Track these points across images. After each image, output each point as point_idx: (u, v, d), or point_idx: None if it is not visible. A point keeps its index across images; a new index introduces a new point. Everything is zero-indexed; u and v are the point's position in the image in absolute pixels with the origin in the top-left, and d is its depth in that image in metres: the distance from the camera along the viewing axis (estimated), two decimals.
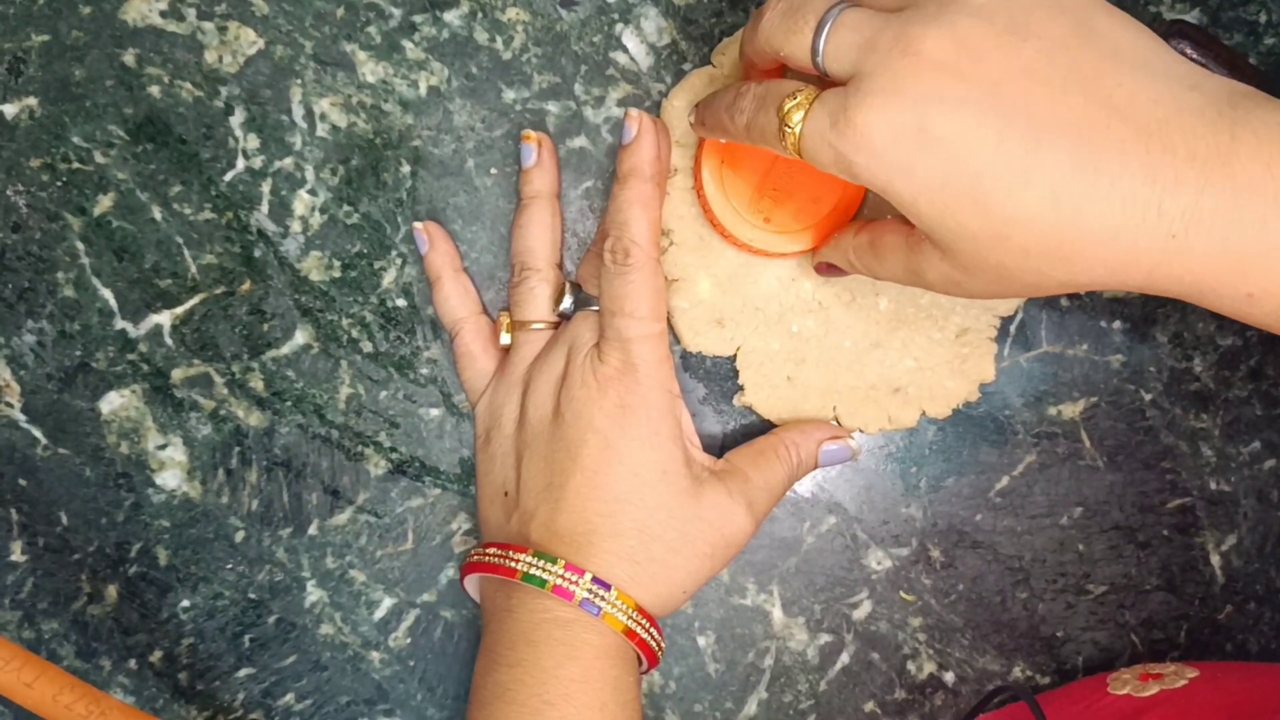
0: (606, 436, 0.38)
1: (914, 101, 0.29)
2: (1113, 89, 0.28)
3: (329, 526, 0.44)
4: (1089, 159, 0.28)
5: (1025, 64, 0.28)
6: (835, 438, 0.42)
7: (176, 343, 0.43)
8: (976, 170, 0.28)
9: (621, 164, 0.39)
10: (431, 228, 0.42)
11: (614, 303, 0.38)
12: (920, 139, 0.29)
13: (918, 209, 0.30)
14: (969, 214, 0.29)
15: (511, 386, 0.41)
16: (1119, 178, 0.27)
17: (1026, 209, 0.28)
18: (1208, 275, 0.28)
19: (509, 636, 0.36)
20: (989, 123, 0.28)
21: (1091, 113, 0.28)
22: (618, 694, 0.36)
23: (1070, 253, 0.29)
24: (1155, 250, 0.28)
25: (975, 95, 0.28)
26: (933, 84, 0.28)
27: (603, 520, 0.37)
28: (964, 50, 0.28)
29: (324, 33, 0.42)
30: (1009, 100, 0.28)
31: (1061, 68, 0.28)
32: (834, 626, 0.45)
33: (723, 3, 0.43)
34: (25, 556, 0.43)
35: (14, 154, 0.42)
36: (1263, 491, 0.45)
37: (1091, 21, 0.29)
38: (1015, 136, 0.28)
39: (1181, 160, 0.27)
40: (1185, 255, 0.28)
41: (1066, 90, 0.28)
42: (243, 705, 0.44)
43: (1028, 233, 0.29)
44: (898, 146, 0.29)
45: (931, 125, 0.28)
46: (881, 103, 0.29)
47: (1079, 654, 0.45)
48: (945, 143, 0.28)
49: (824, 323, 0.42)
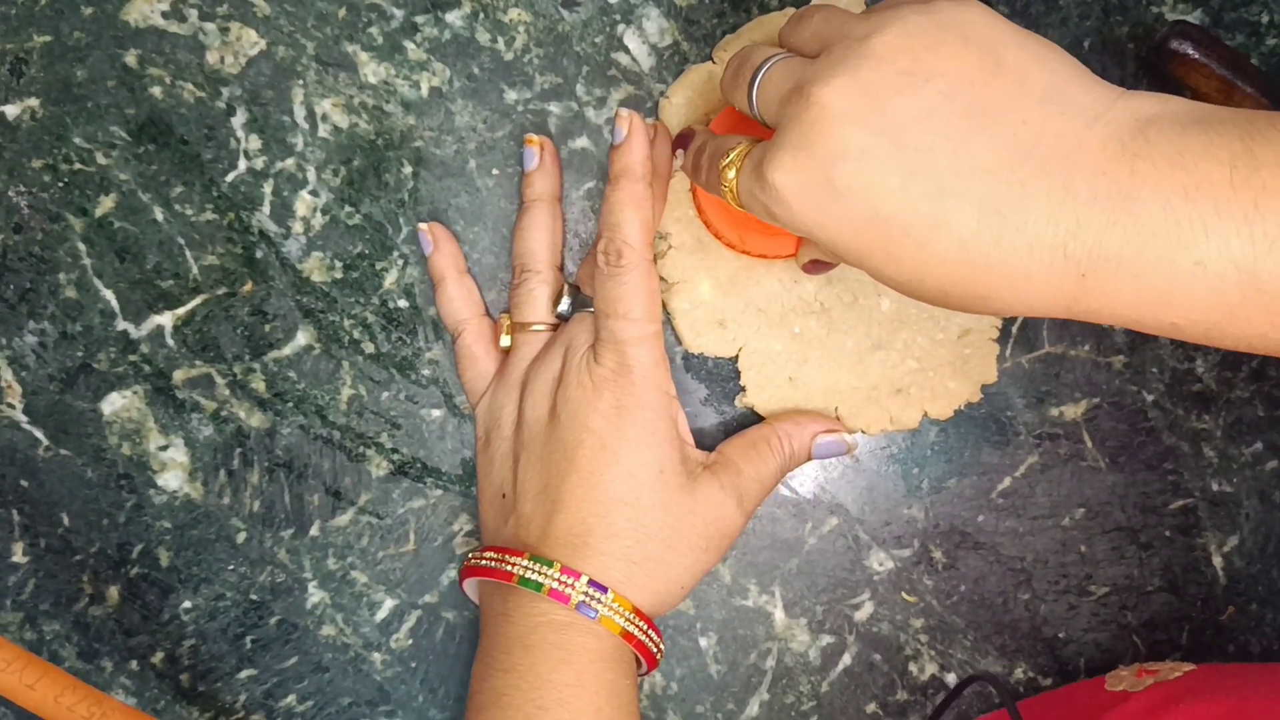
0: (602, 437, 0.38)
1: (819, 156, 0.29)
2: (1017, 126, 0.28)
3: (330, 528, 0.44)
4: (993, 204, 0.28)
5: (927, 106, 0.28)
6: (830, 430, 0.42)
7: (178, 344, 0.43)
8: (886, 220, 0.29)
9: (613, 164, 0.39)
10: (436, 229, 0.42)
11: (608, 304, 0.38)
12: (829, 192, 0.29)
13: (839, 253, 0.31)
14: (883, 261, 0.29)
15: (510, 388, 0.41)
16: (1024, 222, 0.27)
17: (937, 256, 0.28)
18: (1125, 310, 0.28)
19: (505, 641, 0.36)
20: (892, 172, 0.28)
21: (995, 154, 0.28)
22: (613, 698, 0.36)
23: (986, 294, 0.29)
24: (1069, 289, 0.28)
25: (878, 145, 0.28)
26: (836, 137, 0.28)
27: (598, 521, 0.37)
28: (865, 97, 0.28)
29: (326, 33, 0.42)
30: (911, 147, 0.28)
31: (964, 107, 0.28)
32: (836, 627, 0.45)
33: (724, 3, 0.43)
34: (27, 558, 0.43)
35: (16, 155, 0.42)
36: (1265, 492, 0.45)
37: (998, 53, 0.29)
38: (919, 185, 0.28)
39: (1083, 201, 0.27)
40: (1099, 293, 0.28)
41: (970, 131, 0.28)
42: (244, 706, 0.44)
43: (942, 278, 0.29)
44: (810, 200, 0.29)
45: (837, 179, 0.29)
46: (790, 159, 0.29)
47: (1081, 655, 0.45)
48: (852, 195, 0.29)
49: (826, 324, 0.42)
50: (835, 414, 0.43)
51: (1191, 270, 0.26)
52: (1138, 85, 0.43)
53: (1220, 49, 0.40)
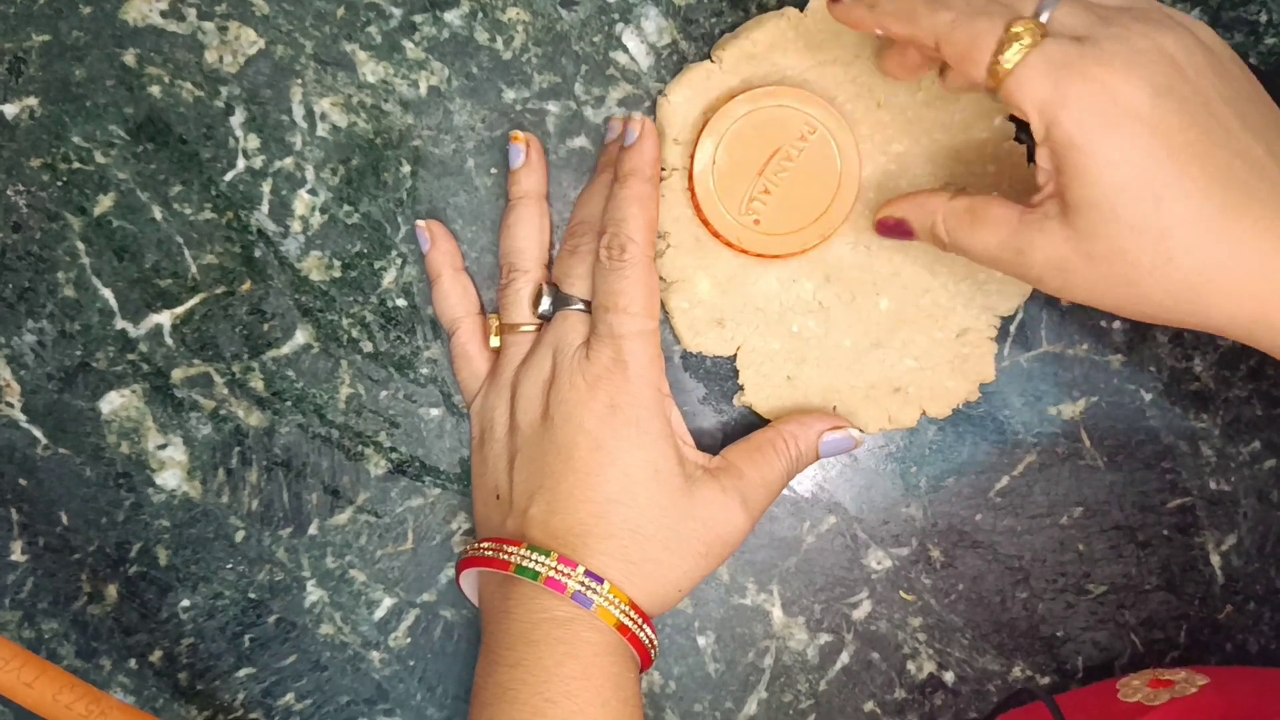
0: (597, 437, 0.38)
1: (1149, 84, 0.30)
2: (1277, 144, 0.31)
3: (329, 526, 0.44)
4: (1259, 198, 0.30)
5: (1229, 96, 0.31)
6: (836, 427, 0.41)
7: (177, 342, 0.43)
8: (1175, 166, 0.30)
9: (622, 164, 0.39)
10: (434, 226, 0.42)
11: (608, 298, 0.38)
12: (1141, 118, 0.30)
13: (1097, 177, 0.31)
14: (1144, 201, 0.31)
15: (501, 390, 0.41)
16: (1272, 224, 0.30)
17: (1197, 217, 0.30)
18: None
19: (508, 637, 0.36)
20: (1199, 131, 0.30)
21: (1270, 160, 0.31)
22: (619, 690, 0.36)
23: (1209, 273, 0.31)
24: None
25: (1194, 104, 0.31)
26: (1165, 77, 0.31)
27: (596, 521, 0.37)
28: (1190, 59, 0.31)
29: (324, 32, 0.42)
30: (1217, 118, 0.31)
31: (1253, 114, 0.32)
32: (834, 626, 0.45)
33: (723, 2, 0.43)
34: (25, 556, 0.43)
35: (14, 154, 0.42)
36: (1263, 491, 0.45)
37: (1262, 94, 0.33)
38: (1214, 152, 0.30)
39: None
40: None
41: (1256, 133, 0.31)
42: (243, 705, 0.44)
43: (1185, 238, 0.31)
44: (1117, 116, 0.30)
45: (1155, 111, 0.30)
46: (1122, 70, 0.30)
47: (1079, 654, 0.45)
48: (1160, 131, 0.30)
49: (824, 322, 0.42)
50: (833, 412, 0.43)
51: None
52: None
53: None
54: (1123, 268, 0.31)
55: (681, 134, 0.42)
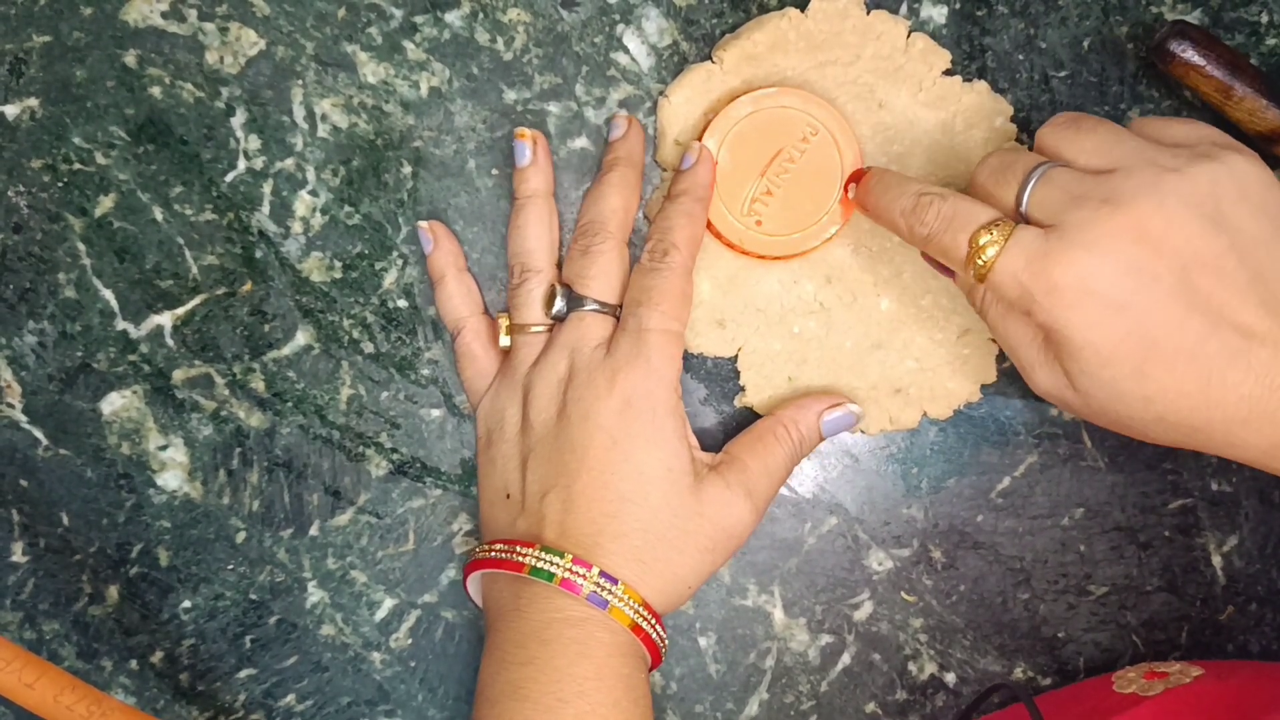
0: (612, 435, 0.38)
1: (1113, 266, 0.31)
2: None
3: (330, 527, 0.44)
4: (1244, 357, 0.31)
5: (1218, 254, 0.31)
6: (835, 405, 0.41)
7: (178, 343, 0.43)
8: (1151, 342, 0.31)
9: (678, 183, 0.40)
10: (436, 227, 0.42)
11: (642, 293, 0.39)
12: (1109, 302, 0.31)
13: (1079, 357, 0.33)
14: (1126, 374, 0.32)
15: (513, 390, 0.41)
16: (1265, 378, 0.31)
17: (1182, 385, 0.31)
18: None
19: (519, 636, 0.36)
20: (1175, 304, 0.31)
21: (1261, 319, 0.31)
22: (630, 690, 0.36)
23: (1201, 426, 0.32)
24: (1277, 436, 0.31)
25: (1168, 276, 0.31)
26: (1133, 254, 0.31)
27: (608, 521, 0.37)
28: (1168, 226, 0.31)
29: (325, 34, 0.42)
30: (1195, 287, 0.31)
31: (1249, 266, 0.31)
32: (835, 627, 0.45)
33: (724, 3, 0.43)
34: (26, 557, 0.43)
35: (15, 155, 0.42)
36: (1264, 492, 0.45)
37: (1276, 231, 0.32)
38: (1195, 323, 0.31)
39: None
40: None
41: (1249, 289, 0.31)
42: (244, 706, 0.44)
43: (1172, 405, 0.32)
44: (1086, 301, 0.32)
45: (1121, 294, 0.31)
46: (1083, 257, 0.32)
47: (1080, 655, 0.45)
48: (1130, 313, 0.31)
49: (825, 324, 0.42)
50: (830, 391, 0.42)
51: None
52: (1137, 85, 0.43)
53: (1219, 49, 0.40)
54: (1117, 419, 0.34)
55: (682, 135, 0.42)
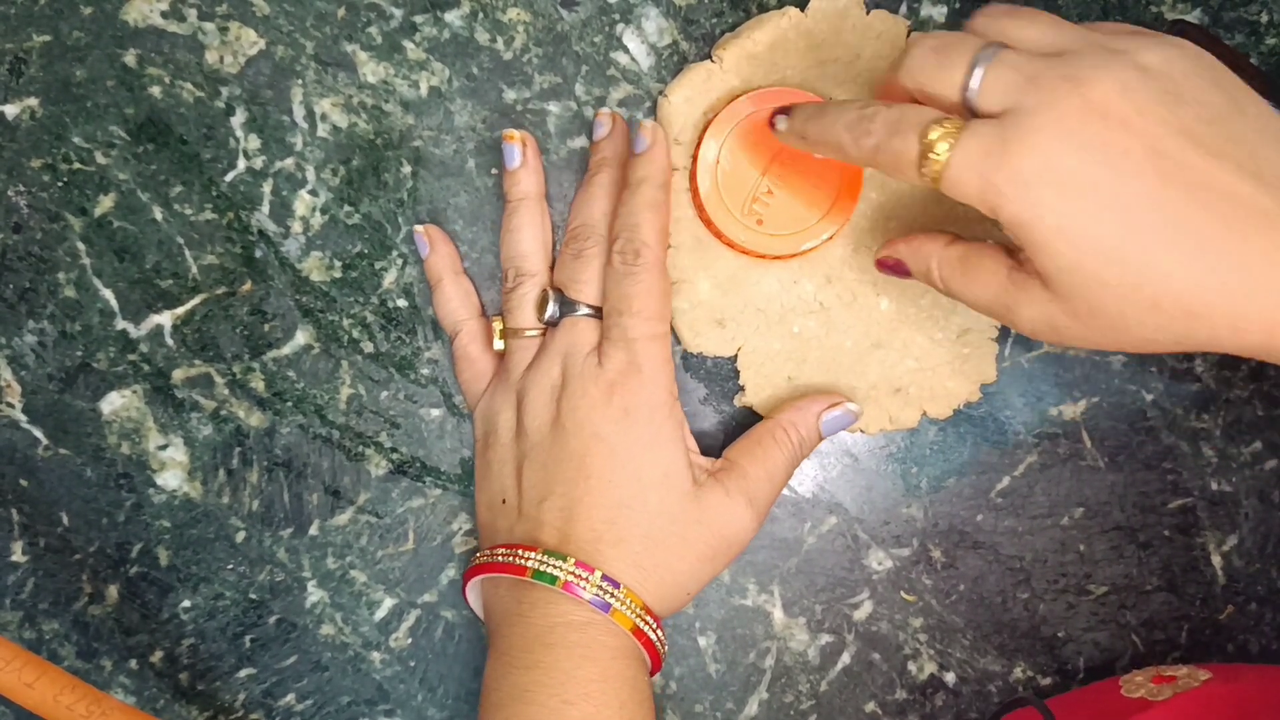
0: (611, 443, 0.38)
1: (1077, 146, 0.29)
2: (1261, 162, 0.29)
3: (330, 527, 0.44)
4: (1235, 224, 0.29)
5: (1184, 126, 0.29)
6: (833, 405, 0.41)
7: (177, 343, 0.43)
8: (1127, 220, 0.29)
9: (634, 170, 0.39)
10: (432, 230, 0.42)
11: (622, 302, 0.38)
12: (1076, 184, 0.29)
13: (1053, 249, 0.30)
14: (1108, 260, 0.30)
15: (507, 394, 0.41)
16: (1260, 245, 0.29)
17: (1167, 264, 0.29)
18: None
19: (523, 640, 0.36)
20: (1147, 179, 0.29)
21: (1240, 182, 0.29)
22: (635, 693, 0.36)
23: (1199, 309, 0.30)
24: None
25: (1136, 150, 0.29)
26: (1097, 131, 0.29)
27: (608, 527, 0.37)
28: (1129, 102, 0.29)
29: (325, 33, 0.42)
30: (1166, 156, 0.29)
31: (1216, 134, 0.30)
32: (835, 627, 0.45)
33: (724, 3, 0.43)
34: (26, 557, 0.43)
35: (15, 154, 0.42)
36: (1264, 492, 0.45)
37: (1240, 101, 0.30)
38: (1168, 193, 0.29)
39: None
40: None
41: (1219, 157, 0.29)
42: (243, 706, 0.44)
43: (1163, 287, 0.30)
44: (1052, 187, 0.30)
45: (1091, 173, 0.29)
46: (1045, 141, 0.30)
47: (1080, 654, 0.45)
48: (1100, 191, 0.29)
49: (825, 323, 0.42)
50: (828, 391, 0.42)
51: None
52: None
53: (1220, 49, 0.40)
54: (1110, 320, 0.31)
55: (682, 134, 0.42)
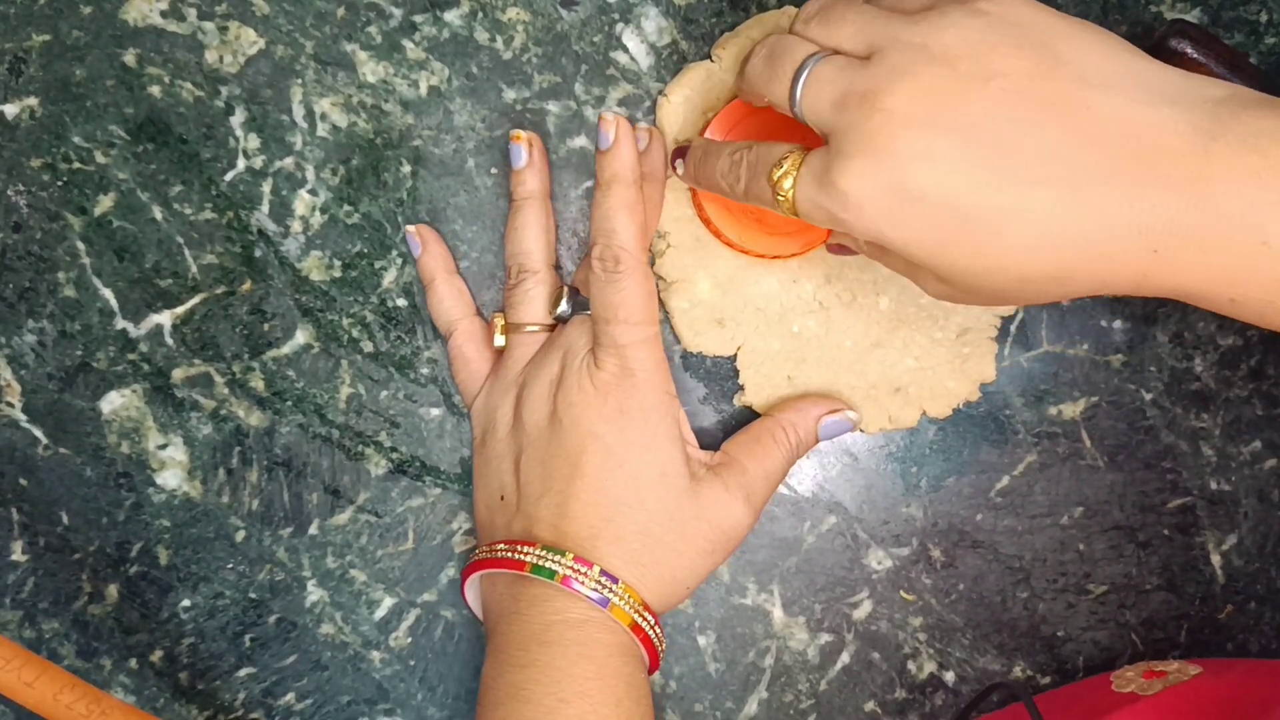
0: (606, 442, 0.38)
1: (891, 160, 0.29)
2: (1083, 114, 0.29)
3: (329, 526, 0.44)
4: (1070, 189, 0.28)
5: (992, 104, 0.29)
6: (834, 410, 0.41)
7: (177, 342, 0.43)
8: (964, 215, 0.29)
9: (602, 170, 0.39)
10: (424, 231, 0.42)
11: (607, 310, 0.38)
12: (903, 195, 0.30)
13: (910, 254, 0.31)
14: (962, 254, 0.30)
15: (506, 389, 0.41)
16: (1101, 204, 0.28)
17: (1019, 243, 0.29)
18: (1191, 283, 0.29)
19: (520, 638, 0.36)
20: (969, 168, 0.29)
21: (1066, 142, 0.28)
22: (631, 690, 0.36)
23: (1063, 275, 0.30)
24: (1141, 264, 0.29)
25: (950, 143, 0.29)
26: (906, 140, 0.29)
27: (605, 525, 0.37)
28: (931, 100, 0.29)
29: (324, 32, 0.42)
30: (984, 142, 0.29)
31: (1029, 101, 0.29)
32: (834, 626, 0.45)
33: (723, 2, 0.43)
34: (26, 556, 0.43)
35: (15, 154, 0.42)
36: (1263, 491, 0.45)
37: (1054, 47, 0.29)
38: (997, 178, 0.29)
39: (1158, 182, 0.28)
40: (1168, 268, 0.29)
41: (1039, 124, 0.29)
42: (243, 705, 0.44)
43: (1022, 263, 0.30)
44: (882, 204, 0.30)
45: (911, 181, 0.29)
46: (859, 166, 0.30)
47: (1079, 654, 0.45)
48: (928, 197, 0.29)
49: (824, 323, 0.42)
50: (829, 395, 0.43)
51: (1258, 250, 0.27)
52: None
53: (1219, 48, 0.40)
54: (995, 295, 0.31)
55: (682, 134, 0.42)
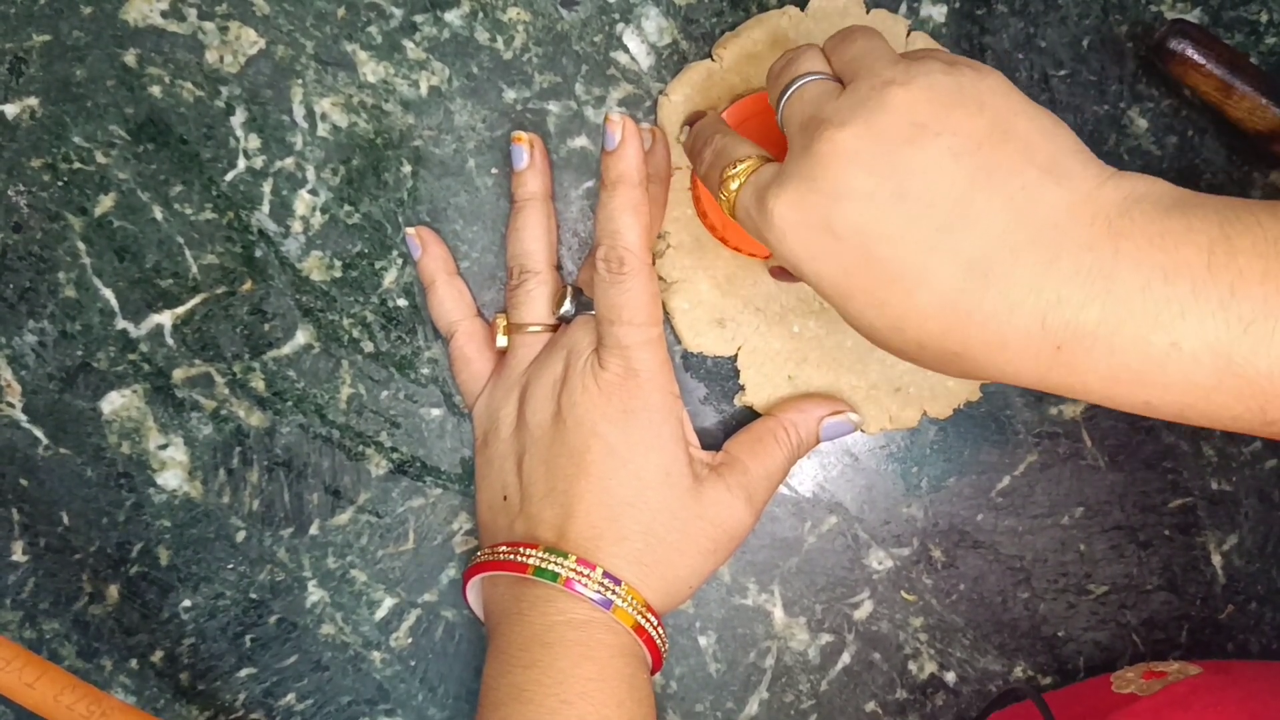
0: (610, 442, 0.38)
1: (822, 194, 0.29)
2: (1016, 191, 0.28)
3: (330, 526, 0.44)
4: (982, 265, 0.28)
5: (933, 159, 0.29)
6: (836, 412, 0.42)
7: (177, 343, 0.43)
8: (877, 264, 0.29)
9: (608, 170, 0.38)
10: (424, 232, 0.42)
11: (611, 311, 0.38)
12: (826, 230, 0.30)
13: (822, 290, 0.31)
14: (867, 305, 0.30)
15: (509, 389, 0.41)
16: (1008, 287, 0.28)
17: (920, 307, 0.29)
18: (1098, 385, 0.28)
19: (521, 639, 0.36)
20: (892, 219, 0.29)
21: (991, 215, 0.28)
22: (634, 691, 0.36)
23: (960, 353, 0.29)
24: (1044, 359, 0.28)
25: (882, 191, 0.29)
26: (843, 177, 0.29)
27: (609, 525, 0.37)
28: (877, 142, 0.29)
29: (325, 32, 0.42)
30: (913, 197, 0.29)
31: (969, 166, 0.29)
32: (835, 626, 0.45)
33: (723, 2, 0.43)
34: (27, 556, 0.43)
35: (15, 154, 0.42)
36: (1264, 491, 0.45)
37: (1009, 121, 0.29)
38: (915, 235, 0.29)
39: (1066, 275, 0.28)
40: (1071, 366, 0.28)
41: (970, 189, 0.28)
42: (244, 705, 0.44)
43: (921, 330, 0.29)
44: (804, 235, 0.30)
45: (836, 218, 0.29)
46: (793, 191, 0.30)
47: (1080, 654, 0.45)
48: (848, 236, 0.29)
49: (825, 323, 0.42)
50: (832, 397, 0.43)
51: (1167, 351, 0.27)
52: (1136, 84, 0.43)
53: (1219, 48, 0.40)
54: (897, 350, 0.31)
55: (683, 134, 0.41)
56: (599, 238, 0.39)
